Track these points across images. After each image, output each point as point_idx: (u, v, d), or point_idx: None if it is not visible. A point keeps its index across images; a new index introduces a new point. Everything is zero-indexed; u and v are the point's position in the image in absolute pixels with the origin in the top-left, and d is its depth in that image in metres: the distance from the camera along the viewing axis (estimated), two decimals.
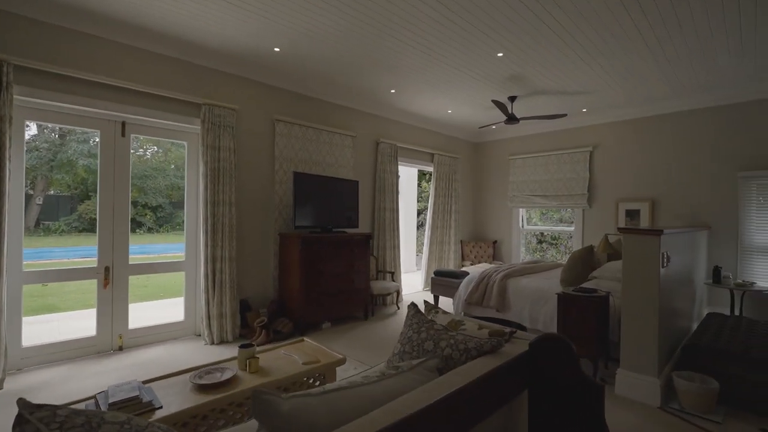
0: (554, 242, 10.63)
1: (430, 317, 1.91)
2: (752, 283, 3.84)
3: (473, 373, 1.33)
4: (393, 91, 4.77)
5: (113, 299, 3.35)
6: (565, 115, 4.82)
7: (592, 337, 2.91)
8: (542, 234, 10.32)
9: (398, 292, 5.11)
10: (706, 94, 4.65)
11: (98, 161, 3.29)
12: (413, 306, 1.87)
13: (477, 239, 7.25)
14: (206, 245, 3.65)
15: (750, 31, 3.13)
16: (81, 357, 3.20)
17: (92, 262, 3.34)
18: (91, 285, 3.32)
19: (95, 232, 3.30)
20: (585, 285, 3.46)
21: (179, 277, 3.89)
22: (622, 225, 5.46)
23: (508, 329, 1.71)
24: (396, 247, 5.54)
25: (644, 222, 5.27)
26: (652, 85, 4.43)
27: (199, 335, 3.82)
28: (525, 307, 3.84)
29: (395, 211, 5.58)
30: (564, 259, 10.06)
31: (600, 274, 3.58)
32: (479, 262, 6.66)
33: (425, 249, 6.26)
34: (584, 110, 5.49)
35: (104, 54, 3.22)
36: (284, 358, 2.44)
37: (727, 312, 4.29)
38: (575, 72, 4.06)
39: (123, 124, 3.40)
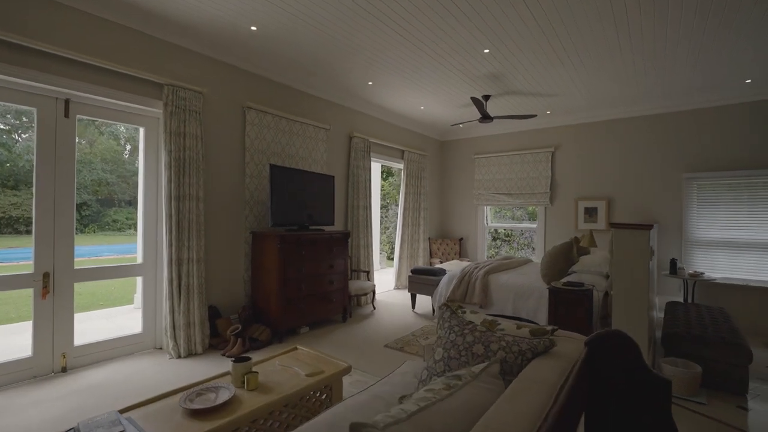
0: (507, 239, 11.16)
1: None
2: (702, 273, 4.26)
3: (542, 378, 1.23)
4: (370, 83, 4.59)
5: (54, 311, 2.80)
6: (534, 115, 4.97)
7: (583, 328, 2.99)
8: (496, 231, 10.79)
9: (374, 292, 4.94)
10: (657, 101, 5.07)
11: (35, 145, 2.71)
12: (447, 307, 1.73)
13: (443, 236, 7.31)
14: (170, 245, 3.20)
15: (699, 52, 3.42)
16: (12, 383, 2.62)
17: (25, 267, 2.76)
18: (14, 295, 2.73)
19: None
20: (566, 279, 3.57)
21: (127, 282, 3.38)
22: (581, 222, 5.80)
23: (549, 327, 1.65)
24: (369, 245, 5.37)
25: (602, 219, 5.64)
26: (612, 91, 4.73)
27: (161, 348, 3.35)
28: (508, 303, 3.89)
29: (368, 208, 5.41)
30: (518, 255, 10.57)
31: (579, 268, 3.72)
32: (448, 259, 6.71)
33: (396, 247, 6.17)
34: (548, 112, 5.74)
35: (45, 16, 2.67)
36: (283, 371, 2.17)
37: (679, 299, 4.72)
38: (550, 74, 4.20)
39: (66, 102, 2.85)
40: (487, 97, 4.99)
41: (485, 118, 5.01)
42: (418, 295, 4.97)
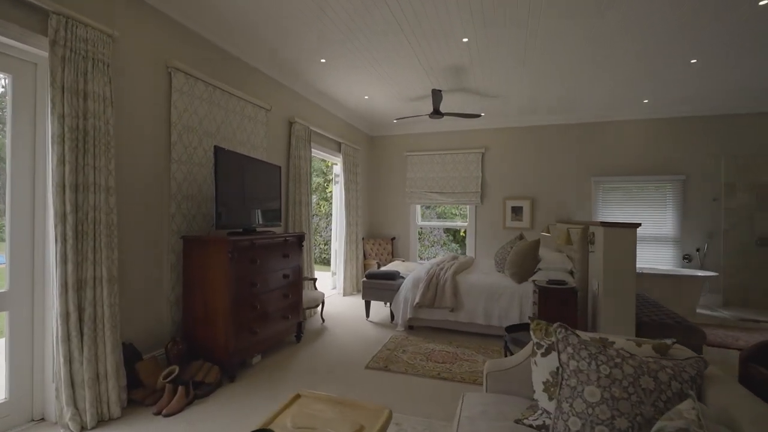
0: (418, 236, 11.39)
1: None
2: None
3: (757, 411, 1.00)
4: (323, 60, 3.94)
5: None
6: (480, 115, 5.02)
7: (572, 325, 3.02)
8: None
9: (323, 303, 4.31)
10: (571, 113, 5.68)
11: None
12: (567, 330, 1.39)
13: (375, 236, 6.98)
14: (63, 260, 2.09)
15: (612, 74, 3.88)
16: None
17: None
18: None
19: None
20: (548, 278, 3.60)
21: None
22: (509, 220, 6.16)
23: (669, 341, 1.46)
24: (311, 248, 4.68)
25: (526, 217, 6.08)
26: (541, 99, 5.09)
27: (43, 419, 2.17)
28: (479, 305, 3.77)
29: (309, 205, 4.72)
30: (429, 253, 10.88)
31: (545, 266, 3.82)
32: (383, 260, 6.40)
33: (342, 249, 5.57)
34: (482, 114, 5.92)
35: None
36: None
37: None
38: (508, 73, 4.23)
39: None
40: (439, 92, 4.83)
41: (436, 113, 4.84)
42: (372, 302, 4.51)
